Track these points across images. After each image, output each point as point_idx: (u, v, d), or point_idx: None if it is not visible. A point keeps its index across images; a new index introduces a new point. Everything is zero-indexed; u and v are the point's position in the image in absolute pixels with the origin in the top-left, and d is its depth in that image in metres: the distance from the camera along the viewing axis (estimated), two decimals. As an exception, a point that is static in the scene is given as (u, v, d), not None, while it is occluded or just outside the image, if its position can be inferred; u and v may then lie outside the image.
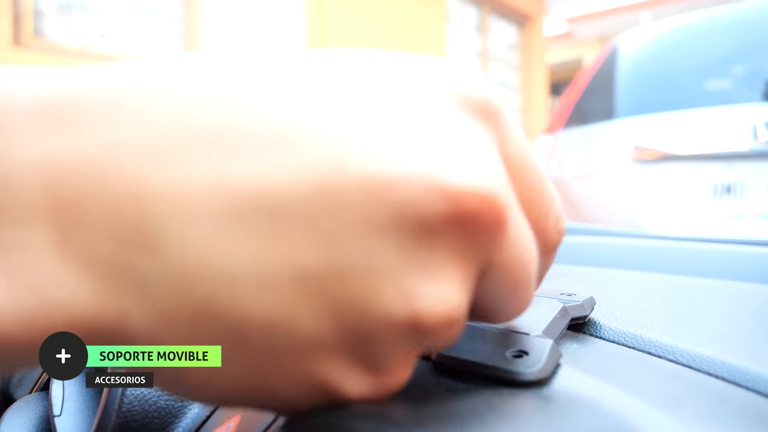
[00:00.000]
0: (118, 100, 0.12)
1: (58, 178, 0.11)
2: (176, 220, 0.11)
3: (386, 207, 0.12)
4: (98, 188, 0.11)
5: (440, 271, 0.12)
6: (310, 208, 0.11)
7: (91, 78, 0.12)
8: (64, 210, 0.11)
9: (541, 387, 0.17)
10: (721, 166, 1.44)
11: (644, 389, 0.18)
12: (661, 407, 0.16)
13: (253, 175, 0.11)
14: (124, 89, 0.12)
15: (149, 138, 0.11)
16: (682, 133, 1.51)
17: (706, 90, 1.57)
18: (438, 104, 0.13)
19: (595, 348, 0.22)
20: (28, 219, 0.11)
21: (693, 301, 0.30)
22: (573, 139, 1.86)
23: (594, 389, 0.17)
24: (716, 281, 0.35)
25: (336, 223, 0.11)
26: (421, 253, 0.12)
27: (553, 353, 0.18)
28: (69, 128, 0.11)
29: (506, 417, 0.13)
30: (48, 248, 0.11)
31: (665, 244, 0.53)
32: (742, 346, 0.21)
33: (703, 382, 0.19)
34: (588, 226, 1.07)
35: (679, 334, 0.23)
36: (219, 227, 0.11)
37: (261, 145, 0.12)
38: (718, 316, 0.27)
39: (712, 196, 1.46)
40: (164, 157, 0.11)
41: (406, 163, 0.12)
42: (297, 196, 0.11)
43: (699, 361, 0.20)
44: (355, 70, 0.13)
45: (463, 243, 0.13)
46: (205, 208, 0.11)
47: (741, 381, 0.19)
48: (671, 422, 0.16)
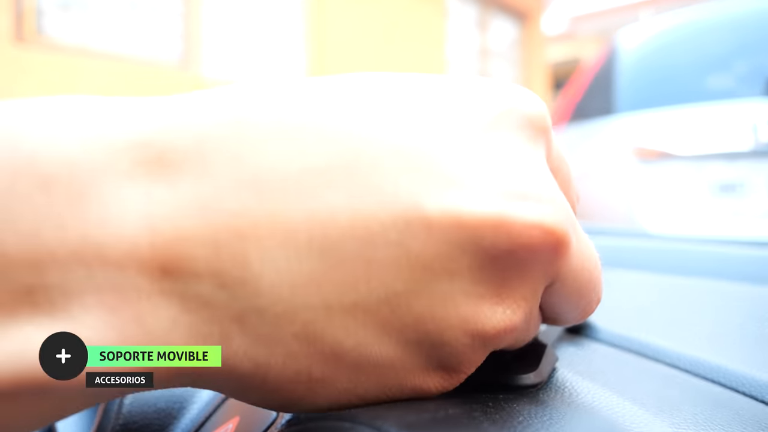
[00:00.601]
0: (213, 139, 0.12)
1: (159, 219, 0.12)
2: (276, 252, 0.12)
3: (459, 242, 0.13)
4: (198, 225, 0.12)
5: (508, 294, 0.14)
6: (398, 239, 0.12)
7: (184, 113, 0.13)
8: (165, 251, 0.12)
9: (537, 391, 0.17)
10: (722, 164, 1.44)
11: (640, 394, 0.18)
12: (657, 412, 0.16)
13: (346, 208, 0.12)
14: (213, 125, 0.13)
15: (245, 175, 0.12)
16: (683, 131, 1.51)
17: (707, 87, 1.57)
18: (497, 128, 0.14)
19: (591, 351, 0.22)
20: (131, 261, 0.11)
21: (691, 303, 0.30)
22: (573, 137, 1.86)
23: (590, 394, 0.17)
24: (715, 282, 0.35)
25: (419, 254, 0.13)
26: (491, 279, 0.14)
27: (549, 358, 0.19)
28: (168, 173, 0.12)
29: (500, 422, 0.13)
30: (150, 288, 0.12)
31: (664, 244, 0.53)
32: (739, 350, 0.22)
33: (700, 387, 0.19)
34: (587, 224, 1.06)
35: (676, 337, 0.23)
36: (314, 258, 0.12)
37: (351, 178, 0.12)
38: (715, 318, 0.27)
39: (712, 194, 1.46)
40: (262, 193, 0.12)
41: (477, 203, 0.13)
42: (383, 228, 0.12)
43: (696, 365, 0.20)
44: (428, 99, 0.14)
45: (530, 269, 0.14)
46: (304, 240, 0.12)
47: (738, 386, 0.19)
48: (666, 427, 0.16)
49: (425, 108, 0.14)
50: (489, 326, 0.14)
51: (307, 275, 0.12)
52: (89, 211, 0.11)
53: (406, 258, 0.13)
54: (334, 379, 0.13)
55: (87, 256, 0.11)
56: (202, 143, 0.12)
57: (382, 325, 0.13)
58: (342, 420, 0.13)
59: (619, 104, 1.72)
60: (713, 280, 0.36)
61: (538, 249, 0.13)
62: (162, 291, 0.12)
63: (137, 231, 0.11)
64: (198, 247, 0.12)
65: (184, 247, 0.12)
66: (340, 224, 0.12)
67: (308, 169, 0.12)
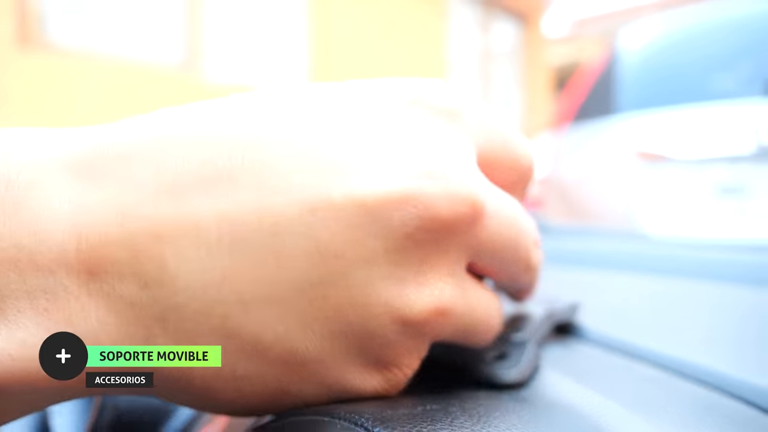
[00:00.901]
0: (132, 151, 0.14)
1: (84, 226, 0.13)
2: (190, 251, 0.13)
3: (368, 226, 0.13)
4: (119, 230, 0.13)
5: (430, 274, 0.14)
6: (305, 230, 0.13)
7: (110, 134, 0.14)
8: (90, 255, 0.12)
9: (519, 389, 0.17)
10: (724, 166, 1.44)
11: (624, 394, 0.18)
12: (641, 413, 0.17)
13: (255, 204, 0.13)
14: (138, 141, 0.14)
15: (164, 183, 0.13)
16: (686, 132, 1.51)
17: (710, 88, 1.56)
18: (403, 115, 0.15)
19: (577, 352, 0.22)
20: (59, 266, 0.12)
21: (682, 304, 0.30)
22: (575, 139, 1.86)
23: (571, 392, 0.17)
24: (708, 284, 0.35)
25: (328, 243, 0.13)
26: (409, 261, 0.14)
27: (532, 356, 0.19)
28: (94, 183, 0.13)
29: (476, 416, 0.14)
30: (78, 290, 0.12)
31: (659, 247, 0.53)
32: (728, 352, 0.22)
33: (686, 389, 0.19)
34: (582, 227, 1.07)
35: (665, 338, 0.23)
36: (224, 254, 0.13)
37: (259, 179, 0.13)
38: (706, 320, 0.27)
39: (715, 196, 1.45)
40: (177, 198, 0.13)
41: (381, 183, 0.13)
42: (289, 220, 0.13)
43: (682, 366, 0.20)
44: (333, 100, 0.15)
45: (446, 243, 0.14)
46: (214, 238, 0.13)
47: (725, 388, 0.19)
48: (645, 427, 0.16)
49: (332, 109, 0.15)
50: (416, 310, 0.14)
51: (220, 272, 0.13)
52: (22, 222, 0.12)
53: (316, 248, 0.13)
54: (260, 377, 0.14)
55: (21, 262, 0.12)
56: (128, 156, 0.13)
57: (301, 318, 0.13)
58: (319, 415, 0.13)
59: (621, 105, 1.71)
60: (709, 282, 0.36)
61: (449, 221, 0.14)
62: (89, 293, 0.12)
63: (65, 237, 0.12)
64: (120, 250, 0.13)
65: (107, 251, 0.12)
66: (248, 221, 0.13)
67: (218, 174, 0.13)
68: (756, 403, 0.18)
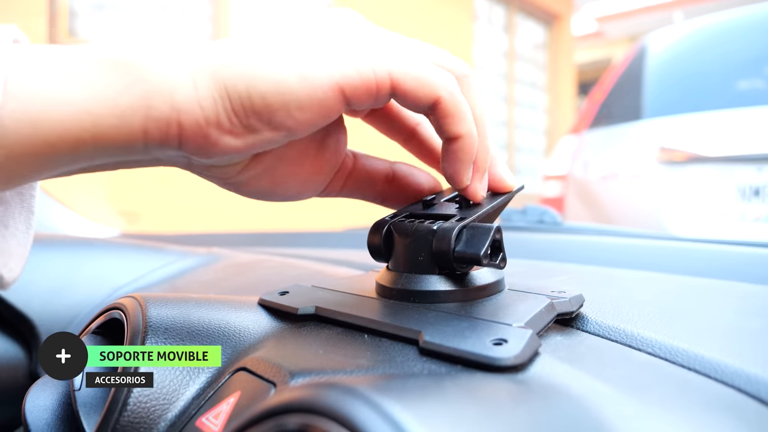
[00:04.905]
0: None
1: (221, 70, 0.21)
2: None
3: None
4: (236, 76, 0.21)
5: None
6: None
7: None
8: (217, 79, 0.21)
9: (516, 372, 0.18)
10: (749, 168, 1.42)
11: (615, 377, 0.19)
12: (627, 393, 0.17)
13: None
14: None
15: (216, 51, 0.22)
16: (710, 134, 1.49)
17: (735, 91, 1.54)
18: (310, 30, 0.25)
19: (577, 340, 0.23)
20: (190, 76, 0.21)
21: (686, 299, 0.30)
22: (599, 140, 1.84)
23: (565, 375, 0.18)
24: (717, 281, 0.35)
25: None
26: None
27: (530, 342, 0.19)
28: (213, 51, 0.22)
29: (471, 393, 0.15)
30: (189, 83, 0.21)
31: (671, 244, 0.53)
32: (720, 342, 0.22)
33: (674, 373, 0.20)
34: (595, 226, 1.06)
35: (662, 329, 0.23)
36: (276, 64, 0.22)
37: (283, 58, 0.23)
38: (706, 313, 0.27)
39: (739, 198, 1.43)
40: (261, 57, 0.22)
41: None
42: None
43: (674, 353, 0.21)
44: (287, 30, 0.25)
45: None
46: None
47: (710, 372, 0.19)
48: (633, 405, 0.17)
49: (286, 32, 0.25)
50: None
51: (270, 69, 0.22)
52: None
53: None
54: None
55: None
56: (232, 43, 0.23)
57: None
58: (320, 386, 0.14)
59: (647, 107, 1.70)
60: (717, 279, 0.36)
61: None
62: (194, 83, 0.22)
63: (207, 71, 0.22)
64: (231, 78, 0.22)
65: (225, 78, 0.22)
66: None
67: (273, 52, 0.23)
68: (745, 390, 0.18)
